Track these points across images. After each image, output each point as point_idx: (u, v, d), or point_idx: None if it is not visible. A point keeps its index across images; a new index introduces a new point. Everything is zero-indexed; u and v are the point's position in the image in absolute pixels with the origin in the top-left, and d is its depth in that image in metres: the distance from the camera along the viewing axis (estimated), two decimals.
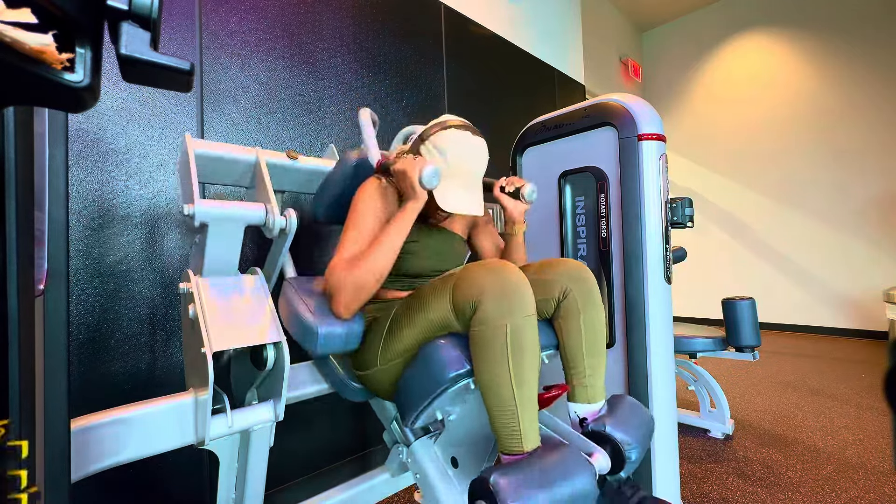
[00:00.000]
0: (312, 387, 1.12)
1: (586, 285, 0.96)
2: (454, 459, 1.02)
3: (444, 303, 0.84)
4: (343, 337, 0.91)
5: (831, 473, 1.55)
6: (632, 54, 4.81)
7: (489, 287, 0.78)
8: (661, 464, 1.25)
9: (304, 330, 0.92)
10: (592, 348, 0.96)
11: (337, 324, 0.91)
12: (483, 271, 0.81)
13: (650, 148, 1.27)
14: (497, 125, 2.38)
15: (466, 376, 0.82)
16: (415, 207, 0.92)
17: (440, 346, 0.84)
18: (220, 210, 0.86)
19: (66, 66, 0.26)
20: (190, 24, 1.27)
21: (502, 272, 0.80)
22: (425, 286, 0.92)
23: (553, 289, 0.96)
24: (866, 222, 3.79)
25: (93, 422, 0.75)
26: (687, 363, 1.96)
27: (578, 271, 0.97)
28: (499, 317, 0.77)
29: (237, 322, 0.85)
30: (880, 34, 3.74)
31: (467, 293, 0.80)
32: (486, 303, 0.78)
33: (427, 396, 0.84)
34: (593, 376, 0.95)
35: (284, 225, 0.92)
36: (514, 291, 0.78)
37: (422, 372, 0.85)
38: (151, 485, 1.15)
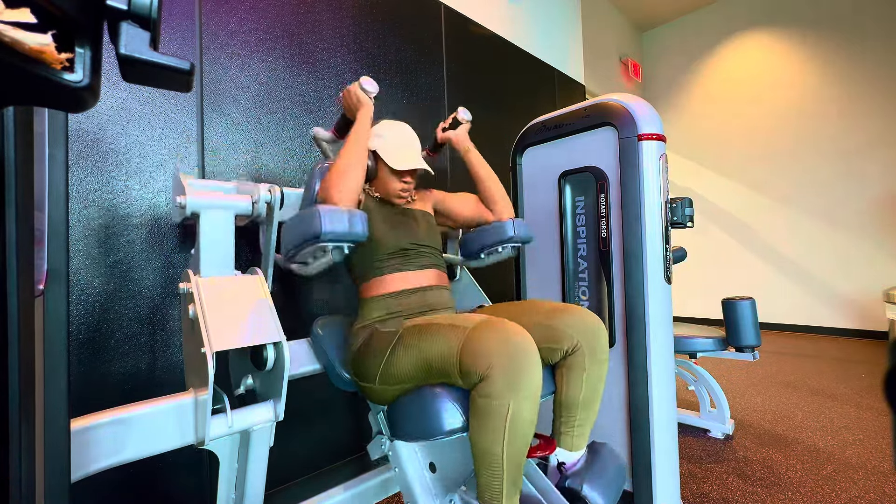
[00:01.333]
0: (306, 366, 1.12)
1: (596, 340, 0.97)
2: (432, 465, 1.04)
3: (450, 360, 0.84)
4: (346, 219, 0.88)
5: (831, 473, 1.55)
6: (632, 54, 4.80)
7: (497, 361, 0.78)
8: (661, 464, 1.25)
9: (307, 220, 0.87)
10: (589, 402, 0.99)
11: (336, 208, 0.89)
12: (494, 342, 0.80)
13: (650, 148, 1.27)
14: (497, 125, 2.38)
15: (461, 431, 0.84)
16: (365, 114, 1.04)
17: (441, 398, 0.86)
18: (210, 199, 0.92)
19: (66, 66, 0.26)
20: (190, 24, 1.27)
21: (513, 346, 0.80)
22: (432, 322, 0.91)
23: (562, 340, 0.96)
24: (867, 222, 3.79)
25: (93, 422, 0.75)
26: (687, 363, 1.96)
27: (591, 326, 0.98)
28: (503, 394, 0.78)
29: (237, 322, 0.85)
30: (881, 33, 3.74)
31: (475, 363, 0.80)
32: (494, 377, 0.78)
33: (419, 439, 0.88)
34: (582, 427, 1.00)
35: (270, 199, 0.98)
36: (521, 369, 0.78)
37: (418, 414, 0.87)
38: (151, 485, 1.15)
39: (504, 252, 1.26)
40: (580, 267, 1.46)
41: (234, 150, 1.35)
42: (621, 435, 1.34)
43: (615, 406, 1.35)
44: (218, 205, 0.95)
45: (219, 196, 0.96)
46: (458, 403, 0.85)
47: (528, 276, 1.64)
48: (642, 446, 1.26)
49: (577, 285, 1.46)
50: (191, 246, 1.22)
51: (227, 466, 0.94)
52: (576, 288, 1.47)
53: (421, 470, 1.01)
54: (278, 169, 1.46)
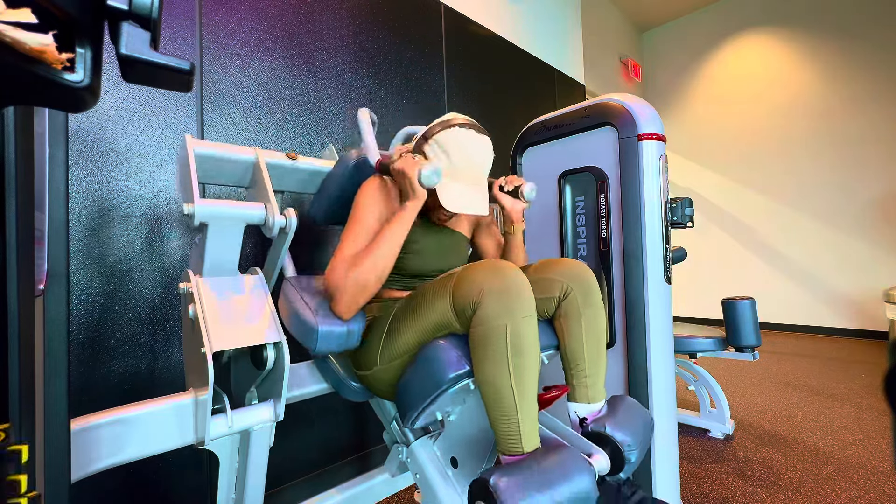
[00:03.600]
0: (312, 386, 1.11)
1: (587, 285, 0.96)
2: (454, 459, 1.02)
3: (444, 303, 0.84)
4: (343, 336, 0.91)
5: (831, 473, 1.55)
6: (632, 54, 4.80)
7: (489, 287, 0.78)
8: (661, 464, 1.25)
9: (303, 329, 0.92)
10: (593, 348, 0.95)
11: (337, 323, 0.91)
12: (483, 271, 0.81)
13: (650, 148, 1.27)
14: (497, 125, 2.38)
15: (466, 377, 0.82)
16: (414, 206, 0.92)
17: (440, 346, 0.84)
18: (220, 209, 0.86)
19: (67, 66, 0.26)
20: (190, 24, 1.27)
21: (502, 271, 0.80)
22: (425, 286, 0.91)
23: (553, 288, 0.96)
24: (867, 222, 3.79)
25: (93, 422, 0.75)
26: (687, 363, 1.96)
27: (579, 271, 0.97)
28: (499, 317, 0.77)
29: (237, 322, 0.85)
30: (881, 33, 3.74)
31: (467, 293, 0.80)
32: (486, 303, 0.77)
33: (427, 397, 0.84)
34: (594, 376, 0.95)
35: (284, 224, 0.92)
36: (513, 291, 0.78)
37: (422, 372, 0.85)
38: (151, 485, 1.15)
39: None
40: None
41: None
42: None
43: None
44: (228, 215, 0.88)
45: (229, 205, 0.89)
46: (459, 349, 0.83)
47: None
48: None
49: None
50: (191, 246, 1.22)
51: (227, 466, 0.94)
52: None
53: (443, 468, 0.99)
54: None
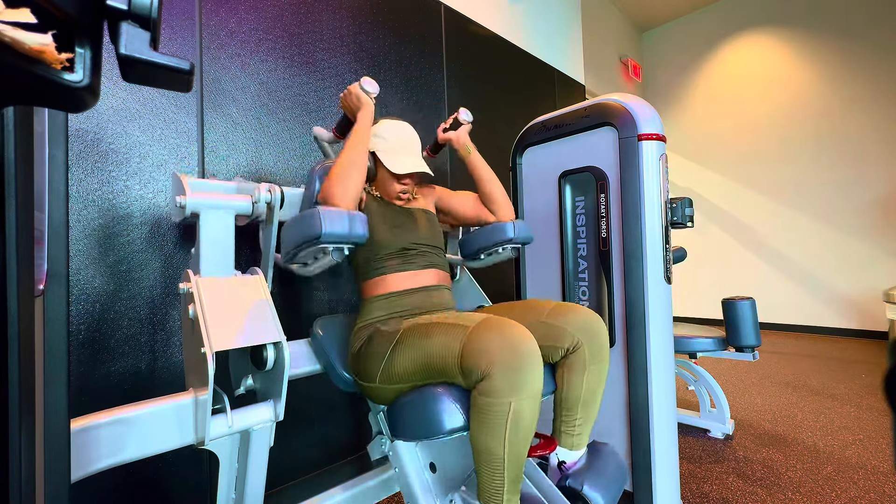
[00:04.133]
0: (305, 367, 1.12)
1: (598, 340, 0.97)
2: (433, 465, 1.05)
3: (452, 358, 0.84)
4: (346, 220, 0.88)
5: (831, 473, 1.55)
6: (632, 54, 4.80)
7: (499, 361, 0.78)
8: (661, 464, 1.25)
9: (306, 221, 0.88)
10: (590, 402, 0.99)
11: (336, 208, 0.90)
12: (495, 340, 0.80)
13: (650, 148, 1.27)
14: (497, 125, 2.38)
15: (462, 430, 0.84)
16: (365, 115, 1.04)
17: (441, 397, 0.85)
18: (210, 199, 0.93)
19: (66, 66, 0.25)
20: (190, 24, 1.27)
21: (514, 346, 0.79)
22: (433, 321, 0.91)
23: (563, 339, 0.96)
24: (866, 222, 3.79)
25: (93, 422, 0.75)
26: (687, 363, 1.96)
27: (592, 325, 0.98)
28: (505, 393, 0.77)
29: (237, 322, 0.85)
30: (882, 33, 3.74)
31: (476, 361, 0.80)
32: (495, 376, 0.78)
33: (420, 438, 0.88)
34: (583, 426, 1.00)
35: (270, 198, 0.98)
36: (523, 369, 0.78)
37: (419, 415, 0.87)
38: (151, 485, 1.15)
39: (504, 253, 1.26)
40: (580, 267, 1.46)
41: (234, 150, 1.35)
42: (621, 435, 1.34)
43: (615, 406, 1.35)
44: (218, 205, 0.95)
45: (219, 196, 0.96)
46: (458, 403, 0.84)
47: (528, 276, 1.64)
48: (642, 446, 1.26)
49: (577, 285, 1.46)
50: (191, 246, 1.22)
51: (227, 466, 0.94)
52: (576, 288, 1.47)
53: (421, 470, 1.01)
54: (278, 169, 1.46)
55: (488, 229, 1.23)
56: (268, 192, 0.98)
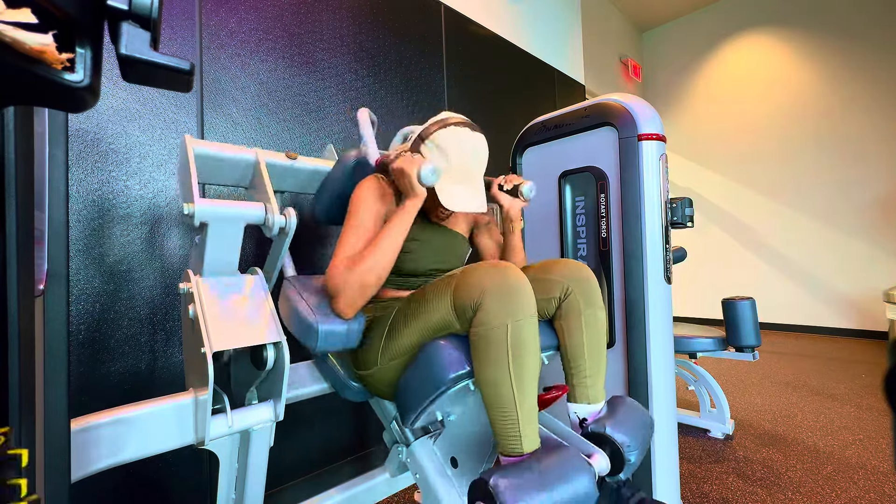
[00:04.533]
0: (312, 386, 1.12)
1: (588, 285, 0.96)
2: (454, 459, 1.02)
3: (444, 303, 0.84)
4: (343, 335, 0.91)
5: (831, 473, 1.55)
6: (632, 54, 4.80)
7: (490, 287, 0.78)
8: (661, 464, 1.25)
9: (304, 328, 0.92)
10: (594, 348, 0.95)
11: (337, 322, 0.91)
12: (483, 271, 0.81)
13: (650, 148, 1.27)
14: (497, 125, 2.38)
15: (467, 377, 0.82)
16: (414, 205, 0.92)
17: (440, 346, 0.84)
18: (220, 209, 0.86)
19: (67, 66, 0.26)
20: (190, 24, 1.27)
21: (503, 272, 0.80)
22: (426, 286, 0.91)
23: (554, 288, 0.96)
24: (866, 222, 3.79)
25: (93, 422, 0.75)
26: (687, 363, 1.96)
27: (580, 271, 0.97)
28: (499, 317, 0.77)
29: (237, 322, 0.85)
30: (882, 33, 3.74)
31: (468, 294, 0.80)
32: (487, 303, 0.77)
33: (427, 397, 0.84)
34: (594, 376, 0.95)
35: (284, 224, 0.92)
36: (514, 291, 0.78)
37: (422, 372, 0.85)
38: (151, 485, 1.15)
39: None
40: None
41: None
42: None
43: None
44: (228, 215, 0.88)
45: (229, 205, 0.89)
46: (459, 350, 0.83)
47: None
48: None
49: None
50: (191, 246, 1.22)
51: (227, 466, 0.94)
52: None
53: (442, 467, 0.99)
54: None
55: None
56: (282, 217, 0.92)
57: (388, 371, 0.92)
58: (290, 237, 0.96)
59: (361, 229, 0.95)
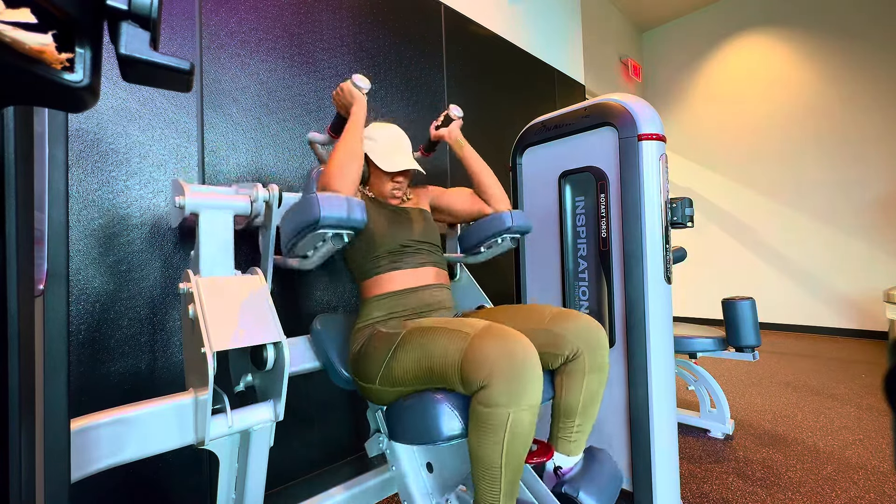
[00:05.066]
0: (305, 364, 1.12)
1: (598, 348, 0.97)
2: (430, 465, 1.05)
3: (451, 366, 0.84)
4: (343, 202, 0.88)
5: (831, 473, 1.55)
6: (632, 54, 4.80)
7: (498, 369, 0.78)
8: (661, 464, 1.25)
9: (305, 206, 0.88)
10: (588, 409, 0.99)
11: (334, 193, 0.90)
12: (495, 349, 0.80)
13: (650, 148, 1.27)
14: (497, 125, 2.38)
15: (460, 437, 0.85)
16: (358, 111, 1.05)
17: (441, 403, 0.85)
18: (209, 199, 0.93)
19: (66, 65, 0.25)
20: (190, 24, 1.27)
21: (513, 354, 0.79)
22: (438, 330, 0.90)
23: (564, 346, 0.96)
24: (867, 222, 3.79)
25: (93, 422, 0.75)
26: (687, 363, 1.96)
27: (593, 333, 0.98)
28: (504, 405, 0.77)
29: (237, 322, 0.85)
30: (882, 33, 3.74)
31: (477, 370, 0.80)
32: (494, 386, 0.78)
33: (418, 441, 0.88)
34: (580, 433, 1.00)
35: (268, 197, 0.98)
36: (522, 378, 0.78)
37: (418, 419, 0.87)
38: (151, 485, 1.15)
39: (503, 244, 1.27)
40: (580, 267, 1.46)
41: (234, 150, 1.35)
42: (621, 435, 1.34)
43: (615, 406, 1.35)
44: (217, 204, 0.95)
45: (217, 196, 0.96)
46: (457, 410, 0.85)
47: (528, 276, 1.64)
48: (642, 446, 1.26)
49: (577, 285, 1.46)
50: (191, 246, 1.22)
51: (227, 466, 0.94)
52: (576, 288, 1.47)
53: (418, 469, 1.02)
54: (278, 169, 1.46)
55: (486, 221, 1.24)
56: (266, 192, 0.99)
57: (385, 393, 0.95)
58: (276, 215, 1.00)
59: None
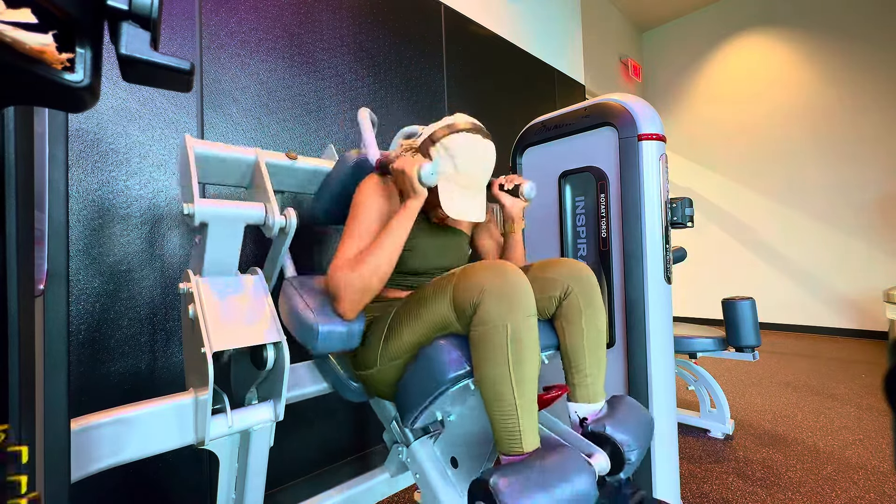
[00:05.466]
0: (312, 386, 1.12)
1: (588, 284, 0.96)
2: (454, 459, 1.02)
3: (444, 302, 0.84)
4: (344, 335, 0.91)
5: (831, 473, 1.55)
6: (632, 54, 4.80)
7: (489, 287, 0.78)
8: (661, 464, 1.25)
9: (304, 328, 0.92)
10: (594, 347, 0.95)
11: (338, 322, 0.91)
12: (483, 271, 0.80)
13: (650, 148, 1.27)
14: (497, 125, 2.38)
15: (466, 377, 0.82)
16: (415, 206, 0.93)
17: (440, 346, 0.84)
18: (220, 209, 0.86)
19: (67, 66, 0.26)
20: (190, 24, 1.27)
21: (503, 271, 0.80)
22: (426, 286, 0.91)
23: (554, 287, 0.96)
24: (866, 222, 3.79)
25: (93, 422, 0.75)
26: (687, 363, 1.96)
27: (580, 270, 0.97)
28: (499, 317, 0.76)
29: (237, 322, 0.85)
30: (882, 33, 3.74)
31: (468, 293, 0.80)
32: (487, 303, 0.77)
33: (427, 397, 0.84)
34: (594, 376, 0.95)
35: (284, 224, 0.92)
36: (514, 291, 0.78)
37: (422, 373, 0.85)
38: (151, 485, 1.15)
39: None
40: None
41: None
42: None
43: None
44: (228, 215, 0.88)
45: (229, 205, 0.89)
46: (460, 350, 0.83)
47: None
48: None
49: None
50: (191, 246, 1.22)
51: (227, 466, 0.94)
52: None
53: (443, 467, 0.99)
54: None
55: None
56: (282, 218, 0.92)
57: (388, 371, 0.92)
58: (290, 237, 0.96)
59: (363, 229, 0.95)
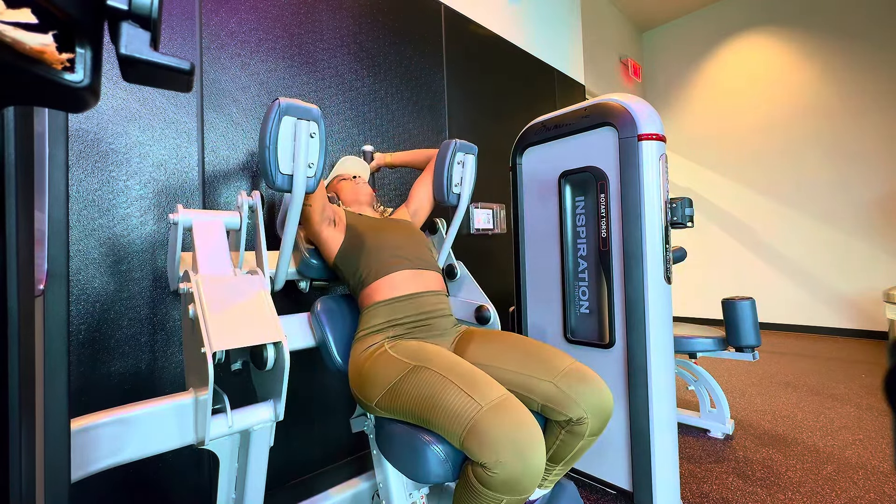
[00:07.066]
0: (302, 343, 1.15)
1: (604, 419, 0.96)
2: None
3: (454, 432, 0.81)
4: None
5: (831, 473, 1.55)
6: (632, 54, 4.80)
7: (504, 460, 0.75)
8: (661, 464, 1.25)
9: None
10: (574, 459, 1.00)
11: None
12: (504, 436, 0.76)
13: (650, 148, 1.27)
14: (497, 125, 2.38)
15: (446, 481, 0.86)
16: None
17: (435, 454, 0.85)
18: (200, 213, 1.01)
19: (67, 66, 0.25)
20: (190, 24, 1.27)
21: (521, 446, 0.76)
22: (447, 381, 0.87)
23: (571, 409, 0.93)
24: (866, 222, 3.79)
25: (93, 422, 0.75)
26: (687, 363, 1.96)
27: (605, 405, 0.95)
28: (502, 492, 0.76)
29: (237, 322, 0.85)
30: (882, 33, 3.74)
31: (481, 451, 0.76)
32: (497, 476, 0.75)
33: (404, 473, 0.91)
34: (558, 476, 1.03)
35: (252, 203, 1.04)
36: (524, 474, 0.75)
37: (408, 455, 0.89)
38: (151, 485, 1.15)
39: (467, 166, 1.33)
40: (580, 267, 1.46)
41: (234, 150, 1.35)
42: (621, 434, 1.34)
43: (615, 406, 1.35)
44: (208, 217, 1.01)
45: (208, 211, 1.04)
46: (451, 460, 0.84)
47: (528, 276, 1.64)
48: (642, 446, 1.26)
49: (576, 285, 1.46)
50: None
51: (227, 466, 0.94)
52: (576, 288, 1.47)
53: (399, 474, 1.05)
54: None
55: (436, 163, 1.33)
56: (250, 198, 1.05)
57: (381, 414, 0.97)
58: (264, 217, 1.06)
59: None
